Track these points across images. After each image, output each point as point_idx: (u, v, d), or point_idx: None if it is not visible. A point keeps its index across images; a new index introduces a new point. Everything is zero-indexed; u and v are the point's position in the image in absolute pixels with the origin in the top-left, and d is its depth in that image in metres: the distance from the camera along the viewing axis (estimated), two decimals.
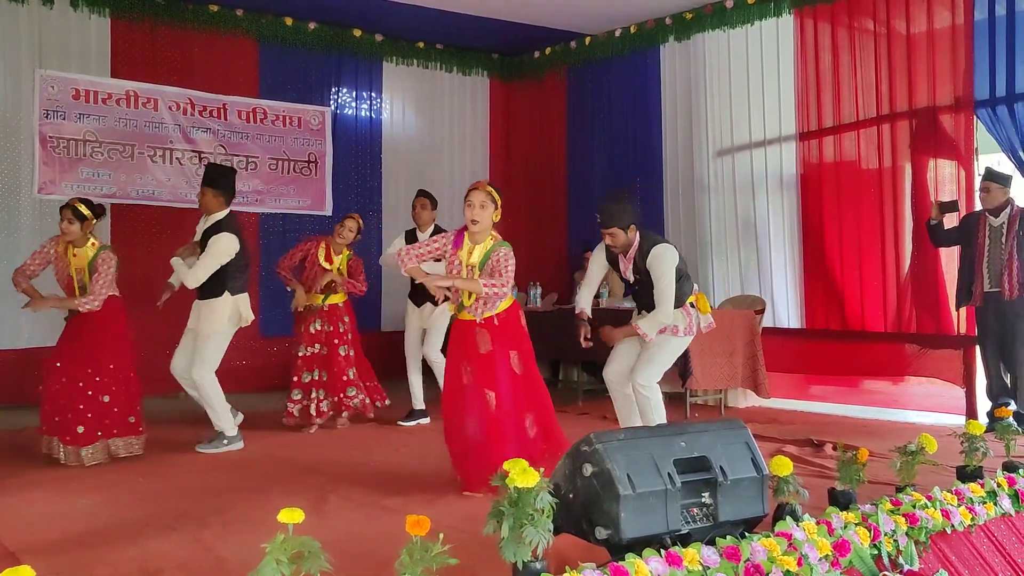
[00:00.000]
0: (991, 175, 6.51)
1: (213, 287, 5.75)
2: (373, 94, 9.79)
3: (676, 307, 4.99)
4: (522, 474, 2.68)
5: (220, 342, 5.85)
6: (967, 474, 4.26)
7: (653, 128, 9.08)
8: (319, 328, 6.57)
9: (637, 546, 2.88)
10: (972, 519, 3.79)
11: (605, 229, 4.98)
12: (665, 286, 4.94)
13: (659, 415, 5.04)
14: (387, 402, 6.85)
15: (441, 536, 2.47)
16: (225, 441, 5.81)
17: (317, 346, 6.55)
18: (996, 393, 6.50)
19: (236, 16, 8.71)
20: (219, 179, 5.89)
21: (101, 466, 5.25)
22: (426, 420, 6.80)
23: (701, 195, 8.69)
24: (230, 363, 8.28)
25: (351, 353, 6.64)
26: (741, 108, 8.31)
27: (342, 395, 6.55)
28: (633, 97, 9.31)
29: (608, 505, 2.92)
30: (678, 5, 8.57)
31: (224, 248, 5.70)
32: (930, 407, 7.14)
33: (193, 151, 8.51)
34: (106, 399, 5.36)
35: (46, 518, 4.07)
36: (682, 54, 8.82)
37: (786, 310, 7.98)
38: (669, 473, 3.02)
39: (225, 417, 5.85)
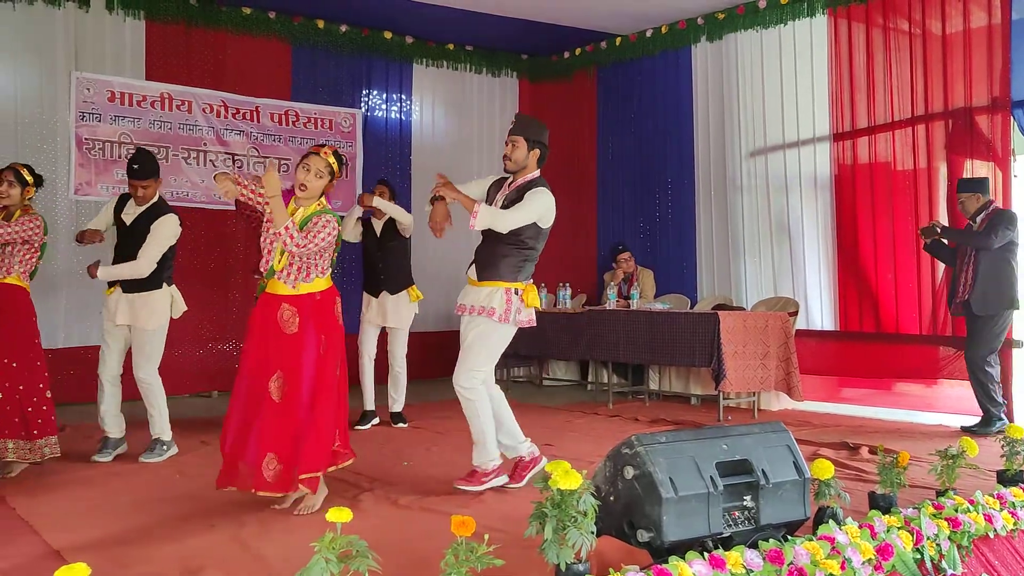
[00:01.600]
0: (958, 186, 6.67)
1: (152, 278, 5.37)
2: (403, 96, 9.83)
3: (503, 280, 4.58)
4: (564, 476, 2.69)
5: (163, 336, 5.52)
6: (1008, 478, 4.22)
7: (685, 129, 9.06)
8: None
9: (679, 549, 2.88)
10: (1015, 523, 3.76)
11: (511, 135, 4.63)
12: (526, 211, 4.51)
13: (487, 421, 4.59)
14: None
15: (487, 537, 2.48)
16: (164, 447, 5.51)
17: None
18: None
19: (269, 19, 8.78)
20: (156, 165, 5.52)
21: (140, 464, 5.28)
22: (377, 421, 6.76)
23: (734, 195, 8.65)
24: None
25: None
26: (774, 108, 8.27)
27: None
28: (664, 98, 9.28)
29: (650, 508, 2.91)
30: (710, 5, 8.54)
31: (171, 230, 5.41)
32: (964, 410, 7.06)
33: (226, 153, 8.58)
34: None
35: (88, 516, 4.10)
36: (714, 54, 8.79)
37: (819, 312, 7.92)
38: (711, 476, 3.01)
39: (166, 421, 5.53)
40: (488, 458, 4.62)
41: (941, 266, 7.22)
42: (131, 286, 5.37)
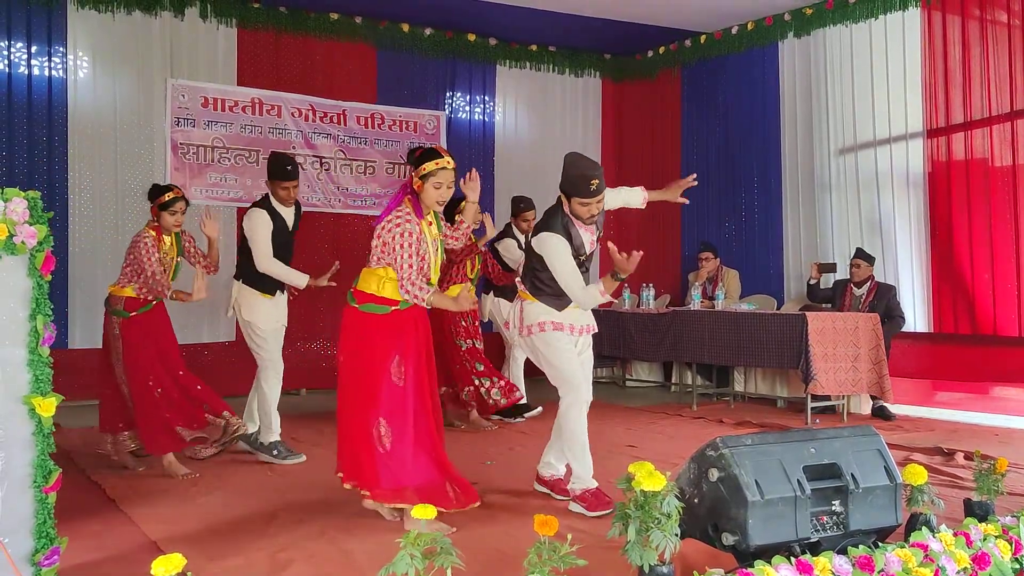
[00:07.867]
0: (862, 255, 7.56)
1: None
2: (486, 97, 9.90)
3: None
4: (648, 477, 2.67)
5: None
6: None
7: (771, 126, 8.91)
8: (467, 323, 6.81)
9: (765, 553, 2.83)
10: None
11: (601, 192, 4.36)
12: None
13: None
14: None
15: (569, 537, 2.48)
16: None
17: (470, 341, 6.77)
18: None
19: (355, 24, 8.94)
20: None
21: (231, 459, 5.42)
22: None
23: (822, 194, 8.47)
24: None
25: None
26: (864, 104, 8.07)
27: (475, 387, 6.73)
28: (750, 95, 9.15)
29: (735, 511, 2.87)
30: (798, 1, 8.39)
31: None
32: None
33: (315, 156, 8.77)
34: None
35: (183, 510, 4.23)
36: (802, 50, 8.63)
37: (912, 313, 7.70)
38: (798, 479, 2.95)
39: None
40: None
41: None
42: (286, 289, 5.61)
